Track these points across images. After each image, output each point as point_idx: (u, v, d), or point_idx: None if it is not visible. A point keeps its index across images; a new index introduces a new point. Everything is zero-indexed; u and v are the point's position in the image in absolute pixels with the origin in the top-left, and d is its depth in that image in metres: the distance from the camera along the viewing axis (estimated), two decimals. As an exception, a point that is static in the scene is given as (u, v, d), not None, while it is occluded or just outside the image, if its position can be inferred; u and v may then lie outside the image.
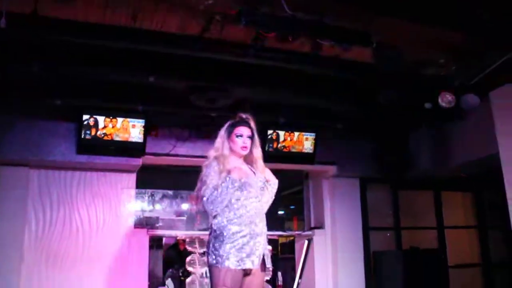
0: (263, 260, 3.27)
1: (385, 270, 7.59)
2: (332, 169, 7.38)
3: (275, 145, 6.63)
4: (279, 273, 7.91)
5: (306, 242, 7.58)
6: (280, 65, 4.99)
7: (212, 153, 3.39)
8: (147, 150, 6.16)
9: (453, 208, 8.76)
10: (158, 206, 8.52)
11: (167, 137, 6.41)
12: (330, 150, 7.25)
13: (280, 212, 9.80)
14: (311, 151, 6.86)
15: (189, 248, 6.78)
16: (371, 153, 7.54)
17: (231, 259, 3.04)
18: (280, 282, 7.94)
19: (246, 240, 3.13)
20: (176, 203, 8.63)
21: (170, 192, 8.50)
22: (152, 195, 8.27)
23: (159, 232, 6.89)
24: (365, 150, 7.55)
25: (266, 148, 6.52)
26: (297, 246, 7.90)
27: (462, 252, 8.60)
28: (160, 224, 7.67)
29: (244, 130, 3.43)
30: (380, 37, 4.29)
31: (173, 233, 7.19)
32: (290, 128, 6.71)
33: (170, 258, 7.98)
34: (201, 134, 6.51)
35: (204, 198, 3.21)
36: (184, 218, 8.26)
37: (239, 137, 3.39)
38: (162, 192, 8.45)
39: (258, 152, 3.52)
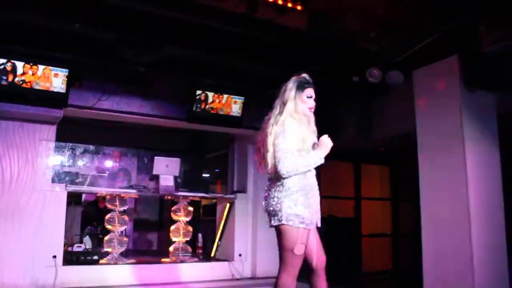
0: None
1: (302, 235, 7.83)
2: (257, 134, 7.41)
3: (203, 106, 6.56)
4: (200, 235, 7.96)
5: (228, 205, 7.66)
6: (212, 24, 4.89)
7: (288, 107, 3.25)
8: (70, 101, 5.89)
9: (370, 180, 9.17)
10: (78, 161, 8.23)
11: (92, 89, 6.16)
12: (258, 115, 7.21)
13: (205, 175, 9.80)
14: (239, 115, 6.86)
15: (109, 206, 6.64)
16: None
17: (306, 221, 3.03)
18: (200, 244, 7.99)
19: (313, 201, 3.11)
20: (98, 158, 8.37)
21: (92, 147, 8.22)
22: (72, 149, 7.95)
23: (78, 188, 6.68)
24: (291, 118, 7.65)
25: (194, 108, 6.46)
26: (218, 208, 7.98)
27: (375, 222, 9.06)
28: (80, 180, 7.44)
29: (313, 92, 3.33)
30: (315, 4, 4.30)
31: (93, 189, 6.98)
32: (219, 90, 6.66)
33: (89, 215, 7.78)
34: (129, 89, 6.32)
35: (285, 155, 3.04)
36: (106, 174, 8.05)
37: (309, 98, 3.29)
38: (84, 147, 8.15)
39: (313, 120, 3.43)
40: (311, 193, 3.12)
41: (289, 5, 4.45)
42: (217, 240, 7.77)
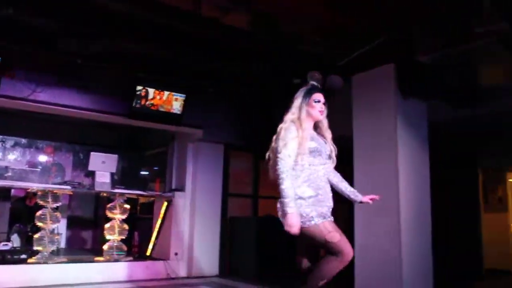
0: None
1: (240, 235, 7.88)
2: (198, 133, 7.43)
3: (143, 102, 6.46)
4: (136, 233, 7.83)
5: (166, 203, 7.57)
6: (155, 19, 4.82)
7: (289, 116, 3.34)
8: (1, 91, 5.63)
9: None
10: (9, 155, 7.87)
11: (27, 80, 5.91)
12: (198, 114, 7.26)
13: (144, 173, 9.63)
14: (179, 112, 6.79)
15: (41, 202, 6.37)
16: (238, 120, 7.71)
17: (317, 219, 3.12)
18: (136, 242, 7.86)
19: (319, 205, 3.19)
20: (30, 152, 8.04)
21: (24, 140, 7.87)
22: (2, 141, 7.60)
23: (7, 183, 6.38)
24: (232, 117, 7.70)
25: (133, 104, 6.34)
26: (156, 207, 7.88)
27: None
28: (9, 174, 7.13)
29: (321, 97, 3.44)
30: (259, 5, 4.33)
31: (23, 184, 6.69)
32: (160, 86, 6.57)
33: (17, 211, 7.45)
34: (66, 82, 6.11)
35: (287, 156, 3.16)
36: (38, 169, 7.74)
37: (317, 102, 3.39)
38: (15, 140, 7.80)
39: (327, 122, 3.50)
40: (317, 196, 3.20)
41: (233, 5, 4.46)
42: (153, 239, 7.66)
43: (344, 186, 3.58)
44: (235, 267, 7.81)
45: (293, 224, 3.06)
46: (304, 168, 3.23)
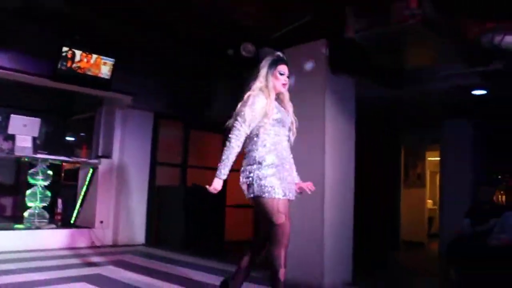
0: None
1: (167, 204, 7.85)
2: (127, 99, 7.24)
3: (69, 64, 6.17)
4: (60, 201, 7.60)
5: (91, 170, 7.37)
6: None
7: (257, 84, 3.42)
8: None
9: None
10: None
11: None
12: (128, 80, 7.06)
13: (70, 139, 9.28)
14: (108, 77, 6.57)
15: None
16: (169, 89, 7.57)
17: (278, 191, 3.20)
18: (59, 210, 7.64)
19: (284, 174, 3.30)
20: None
21: None
22: None
23: None
24: (164, 86, 7.55)
25: (59, 66, 6.04)
26: (81, 174, 7.66)
27: (239, 193, 9.32)
28: None
29: (285, 69, 3.49)
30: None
31: None
32: (88, 49, 6.30)
33: None
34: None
35: (246, 123, 3.28)
36: None
37: (282, 75, 3.45)
38: None
39: (288, 94, 3.58)
40: (283, 166, 3.31)
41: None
42: (78, 206, 7.46)
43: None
44: (162, 236, 7.80)
45: (216, 189, 3.38)
46: (270, 137, 3.32)
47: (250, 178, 3.27)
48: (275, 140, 3.33)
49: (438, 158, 8.51)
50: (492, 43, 4.59)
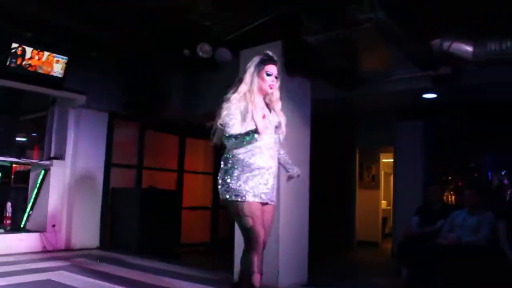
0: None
1: (122, 206, 7.72)
2: (81, 99, 7.08)
3: (19, 61, 5.97)
4: (9, 204, 7.32)
5: (42, 172, 7.16)
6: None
7: (242, 87, 3.26)
8: None
9: (195, 154, 9.35)
10: None
11: None
12: (81, 79, 6.91)
13: (20, 139, 8.97)
14: (60, 76, 6.39)
15: None
16: (124, 89, 7.46)
17: (249, 195, 3.10)
18: (9, 214, 7.36)
19: (254, 177, 3.16)
20: None
21: None
22: None
23: None
24: (119, 85, 7.43)
25: (8, 63, 5.84)
26: (32, 175, 7.42)
27: (197, 195, 9.30)
28: None
29: (273, 69, 3.33)
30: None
31: None
32: (39, 46, 6.11)
33: None
34: None
35: (227, 129, 3.13)
36: None
37: (269, 76, 3.30)
38: None
39: (278, 93, 3.44)
40: (251, 169, 3.16)
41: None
42: (28, 209, 7.23)
43: (286, 158, 3.63)
44: (116, 239, 7.66)
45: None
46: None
47: (219, 181, 3.23)
48: (258, 142, 3.17)
49: (392, 160, 8.72)
50: (441, 49, 4.76)
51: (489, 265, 4.60)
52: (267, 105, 3.44)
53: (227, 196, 3.15)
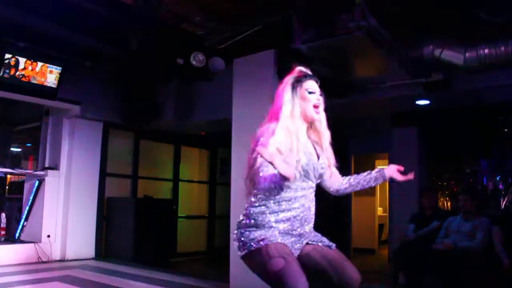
0: None
1: (117, 216, 7.70)
2: (75, 109, 7.07)
3: (12, 72, 5.95)
4: (3, 215, 7.29)
5: (37, 182, 7.14)
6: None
7: (284, 111, 2.37)
8: None
9: (190, 163, 9.36)
10: None
11: None
12: (75, 89, 6.91)
13: (16, 150, 8.96)
14: (54, 86, 6.38)
15: None
16: (119, 98, 7.46)
17: (266, 238, 2.27)
18: (3, 224, 7.32)
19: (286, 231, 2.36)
20: None
21: None
22: None
23: None
24: (113, 95, 7.42)
25: (1, 74, 5.83)
26: (26, 186, 7.40)
27: (192, 204, 9.29)
28: None
29: (316, 86, 2.50)
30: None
31: None
32: (33, 56, 6.11)
33: None
34: None
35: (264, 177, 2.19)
36: None
37: (312, 94, 2.45)
38: None
39: (325, 123, 2.55)
40: (294, 226, 2.42)
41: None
42: (23, 220, 7.19)
43: (358, 178, 2.77)
44: (112, 249, 7.63)
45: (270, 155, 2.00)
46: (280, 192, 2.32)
47: (241, 236, 2.37)
48: (287, 194, 2.35)
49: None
50: (433, 56, 4.79)
51: (484, 270, 4.61)
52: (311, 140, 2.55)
53: (249, 249, 2.34)
